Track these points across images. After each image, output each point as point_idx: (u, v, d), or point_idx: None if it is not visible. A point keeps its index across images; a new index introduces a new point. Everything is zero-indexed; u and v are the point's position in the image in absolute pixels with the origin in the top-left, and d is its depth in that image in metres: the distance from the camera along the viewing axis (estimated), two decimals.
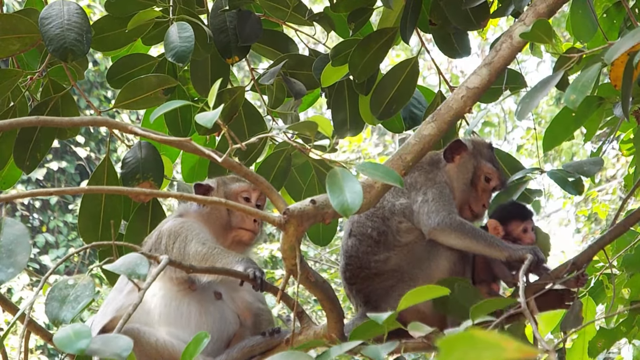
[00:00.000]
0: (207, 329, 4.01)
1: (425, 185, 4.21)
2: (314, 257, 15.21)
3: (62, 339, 2.51)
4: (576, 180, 4.18)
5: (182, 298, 4.04)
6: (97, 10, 14.93)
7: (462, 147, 4.37)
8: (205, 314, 4.06)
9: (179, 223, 4.13)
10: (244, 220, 4.23)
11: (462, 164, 4.36)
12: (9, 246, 2.81)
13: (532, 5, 3.79)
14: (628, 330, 4.71)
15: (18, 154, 4.45)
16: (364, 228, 4.21)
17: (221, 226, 4.24)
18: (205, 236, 4.07)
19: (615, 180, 14.79)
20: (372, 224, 4.19)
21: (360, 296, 4.22)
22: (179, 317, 4.02)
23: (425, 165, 4.33)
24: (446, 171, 4.34)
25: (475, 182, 4.35)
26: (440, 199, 4.14)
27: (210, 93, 3.15)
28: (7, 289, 14.40)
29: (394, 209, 4.20)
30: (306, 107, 5.28)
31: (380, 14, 4.81)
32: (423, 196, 4.16)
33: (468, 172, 4.35)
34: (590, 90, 3.30)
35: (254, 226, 4.24)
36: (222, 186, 4.30)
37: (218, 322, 4.09)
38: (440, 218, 4.06)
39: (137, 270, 2.81)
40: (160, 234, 4.13)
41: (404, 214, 4.19)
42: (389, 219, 4.19)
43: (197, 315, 4.04)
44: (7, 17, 4.33)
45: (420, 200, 4.16)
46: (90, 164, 16.58)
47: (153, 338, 3.91)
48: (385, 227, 4.19)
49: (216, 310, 4.11)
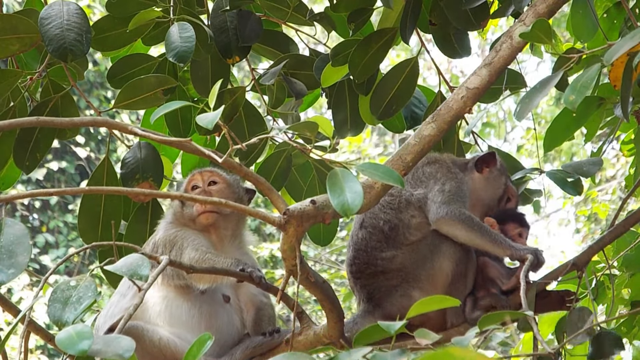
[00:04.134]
0: (215, 332, 4.01)
1: (445, 177, 4.25)
2: (314, 257, 15.21)
3: (65, 339, 2.51)
4: (575, 181, 4.19)
5: (192, 301, 4.05)
6: (97, 10, 14.93)
7: (493, 161, 4.41)
8: (214, 317, 4.07)
9: (173, 232, 4.14)
10: (193, 207, 4.19)
11: (491, 178, 4.41)
12: (10, 247, 2.82)
13: (532, 5, 3.79)
14: (628, 330, 4.71)
15: (18, 154, 4.45)
16: (376, 220, 4.22)
17: (190, 222, 4.22)
18: (199, 242, 4.08)
19: (615, 181, 14.79)
20: (385, 216, 4.20)
21: (364, 292, 4.23)
22: (189, 320, 4.03)
23: (449, 162, 4.37)
24: (472, 178, 4.38)
25: (500, 200, 4.42)
26: (457, 193, 4.18)
27: (211, 94, 3.15)
28: (7, 289, 14.40)
29: (411, 199, 4.21)
30: (306, 107, 5.28)
31: (380, 14, 4.81)
32: (441, 186, 4.20)
33: (499, 188, 4.42)
34: (590, 91, 3.31)
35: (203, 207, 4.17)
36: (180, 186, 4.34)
37: (226, 326, 4.10)
38: (450, 209, 4.10)
39: (139, 271, 2.82)
40: (155, 244, 4.14)
41: (419, 206, 4.20)
42: (402, 211, 4.20)
43: (207, 318, 4.05)
44: (7, 18, 4.32)
45: (437, 189, 4.19)
46: (90, 164, 16.58)
47: (156, 336, 3.91)
48: (397, 220, 4.20)
49: (225, 313, 4.12)
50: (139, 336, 3.83)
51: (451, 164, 4.36)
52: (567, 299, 4.10)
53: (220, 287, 4.11)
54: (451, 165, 4.34)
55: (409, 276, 4.15)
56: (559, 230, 18.60)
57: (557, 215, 18.37)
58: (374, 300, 4.21)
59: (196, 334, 3.93)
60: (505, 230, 4.24)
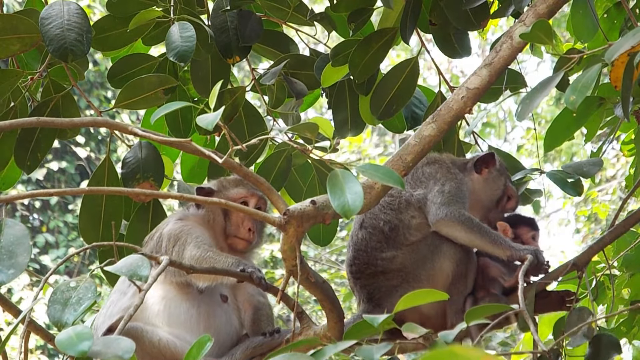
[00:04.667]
0: (214, 332, 4.01)
1: (445, 177, 4.25)
2: (314, 257, 15.21)
3: (64, 341, 2.51)
4: (575, 181, 4.18)
5: (191, 301, 4.04)
6: (97, 10, 14.93)
7: (492, 162, 4.41)
8: (213, 317, 4.07)
9: (179, 226, 4.13)
10: (238, 229, 4.23)
11: (490, 178, 4.41)
12: (10, 247, 2.82)
13: (532, 5, 3.78)
14: (628, 330, 4.71)
15: (18, 154, 4.45)
16: (376, 221, 4.22)
17: (219, 232, 4.25)
18: (203, 239, 4.07)
19: (615, 181, 14.79)
20: (385, 217, 4.21)
21: (364, 292, 4.24)
22: (188, 320, 4.03)
23: (449, 163, 4.37)
24: (471, 179, 4.38)
25: (500, 200, 4.41)
26: (456, 194, 4.18)
27: (211, 94, 3.15)
28: (7, 289, 14.40)
29: (411, 200, 4.21)
30: (307, 107, 5.28)
31: (380, 14, 4.81)
32: (441, 186, 4.20)
33: (498, 189, 4.42)
34: (590, 91, 3.31)
35: (249, 235, 4.23)
36: (222, 190, 4.30)
37: (224, 326, 4.10)
38: (449, 210, 4.10)
39: (139, 271, 2.82)
40: (160, 236, 4.13)
41: (419, 207, 4.20)
42: (402, 212, 4.20)
43: (206, 318, 4.05)
44: (8, 18, 4.32)
45: (436, 190, 4.19)
46: (90, 164, 16.58)
47: (156, 337, 3.91)
48: (397, 220, 4.20)
49: (223, 313, 4.12)
50: (139, 337, 3.83)
51: (451, 165, 4.36)
52: (567, 300, 4.10)
53: (219, 287, 4.11)
54: (451, 166, 4.34)
55: (409, 276, 4.16)
56: (559, 230, 18.61)
57: (557, 215, 18.39)
58: (374, 301, 4.21)
59: (195, 334, 3.93)
60: (518, 234, 4.27)
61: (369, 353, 2.58)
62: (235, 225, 4.23)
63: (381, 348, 2.61)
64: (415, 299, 2.74)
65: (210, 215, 4.25)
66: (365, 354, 2.58)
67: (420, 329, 2.87)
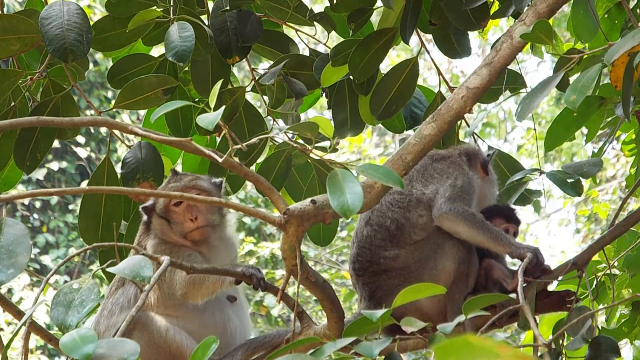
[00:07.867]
0: (230, 336, 4.04)
1: (458, 171, 4.30)
2: (314, 257, 15.22)
3: (68, 343, 2.51)
4: (575, 182, 4.18)
5: (203, 309, 4.03)
6: (97, 10, 14.93)
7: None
8: (228, 322, 4.08)
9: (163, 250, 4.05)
10: (184, 225, 4.12)
11: (494, 181, 4.52)
12: (10, 247, 2.82)
13: (533, 5, 3.78)
14: (629, 330, 4.71)
15: (18, 155, 4.45)
16: (383, 218, 4.22)
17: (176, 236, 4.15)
18: (192, 258, 4.02)
19: (615, 181, 14.79)
20: (392, 215, 4.21)
21: (366, 289, 4.24)
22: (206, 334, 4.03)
23: (459, 159, 4.41)
24: (479, 178, 4.45)
25: None
26: (466, 190, 4.23)
27: (211, 94, 3.15)
28: (8, 289, 14.40)
29: (422, 198, 4.23)
30: (307, 107, 5.28)
31: (380, 14, 4.81)
32: (454, 180, 4.24)
33: (497, 191, 4.52)
34: (590, 91, 3.31)
35: (195, 224, 4.11)
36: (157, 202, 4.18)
37: (239, 328, 4.11)
38: (453, 206, 4.12)
39: (141, 272, 2.81)
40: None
41: (429, 206, 4.21)
42: (410, 210, 4.21)
43: (222, 324, 4.06)
44: (8, 18, 4.32)
45: (449, 183, 4.23)
46: (90, 164, 16.58)
47: (164, 328, 3.92)
48: (404, 219, 4.21)
49: (235, 314, 4.13)
50: (147, 325, 3.86)
51: (461, 162, 4.40)
52: (568, 300, 4.10)
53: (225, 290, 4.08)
54: (462, 163, 4.38)
55: (411, 276, 4.16)
56: (559, 230, 18.64)
57: (557, 215, 18.40)
58: (375, 299, 4.21)
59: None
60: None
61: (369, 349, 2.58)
62: (179, 223, 4.13)
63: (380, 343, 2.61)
64: (413, 293, 2.74)
65: (157, 228, 4.16)
66: (364, 350, 2.58)
67: (419, 323, 2.87)
